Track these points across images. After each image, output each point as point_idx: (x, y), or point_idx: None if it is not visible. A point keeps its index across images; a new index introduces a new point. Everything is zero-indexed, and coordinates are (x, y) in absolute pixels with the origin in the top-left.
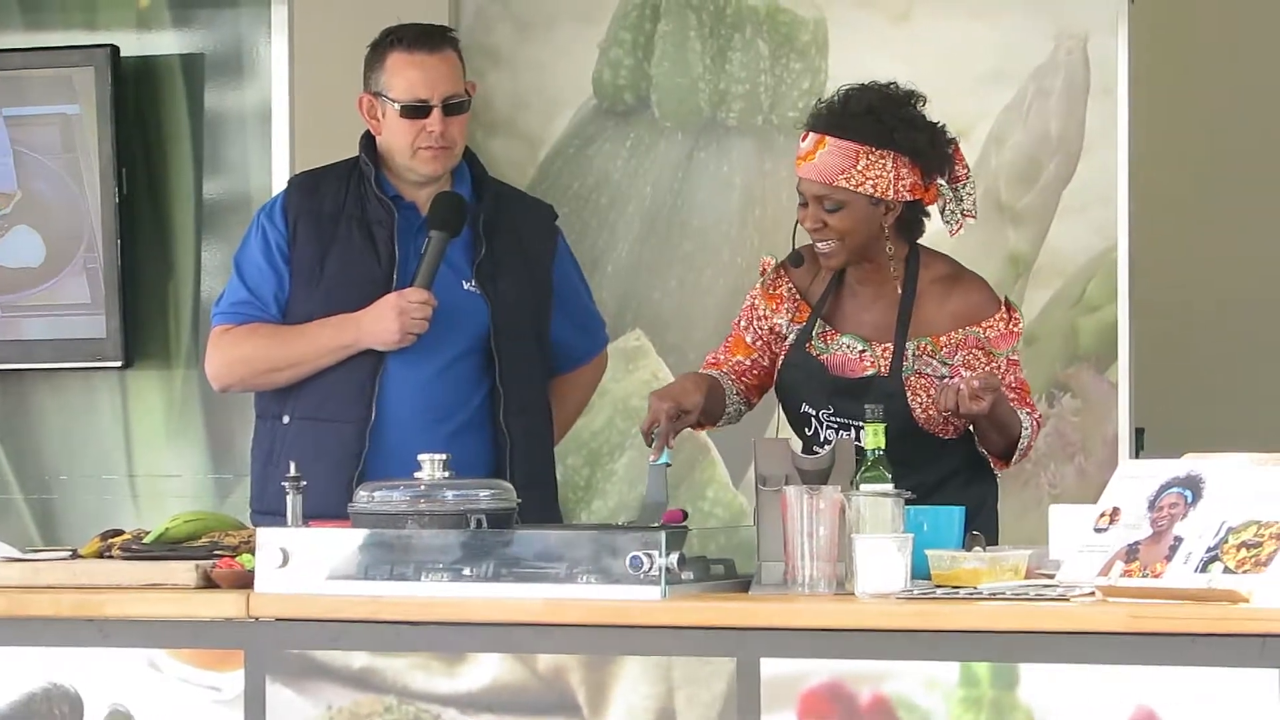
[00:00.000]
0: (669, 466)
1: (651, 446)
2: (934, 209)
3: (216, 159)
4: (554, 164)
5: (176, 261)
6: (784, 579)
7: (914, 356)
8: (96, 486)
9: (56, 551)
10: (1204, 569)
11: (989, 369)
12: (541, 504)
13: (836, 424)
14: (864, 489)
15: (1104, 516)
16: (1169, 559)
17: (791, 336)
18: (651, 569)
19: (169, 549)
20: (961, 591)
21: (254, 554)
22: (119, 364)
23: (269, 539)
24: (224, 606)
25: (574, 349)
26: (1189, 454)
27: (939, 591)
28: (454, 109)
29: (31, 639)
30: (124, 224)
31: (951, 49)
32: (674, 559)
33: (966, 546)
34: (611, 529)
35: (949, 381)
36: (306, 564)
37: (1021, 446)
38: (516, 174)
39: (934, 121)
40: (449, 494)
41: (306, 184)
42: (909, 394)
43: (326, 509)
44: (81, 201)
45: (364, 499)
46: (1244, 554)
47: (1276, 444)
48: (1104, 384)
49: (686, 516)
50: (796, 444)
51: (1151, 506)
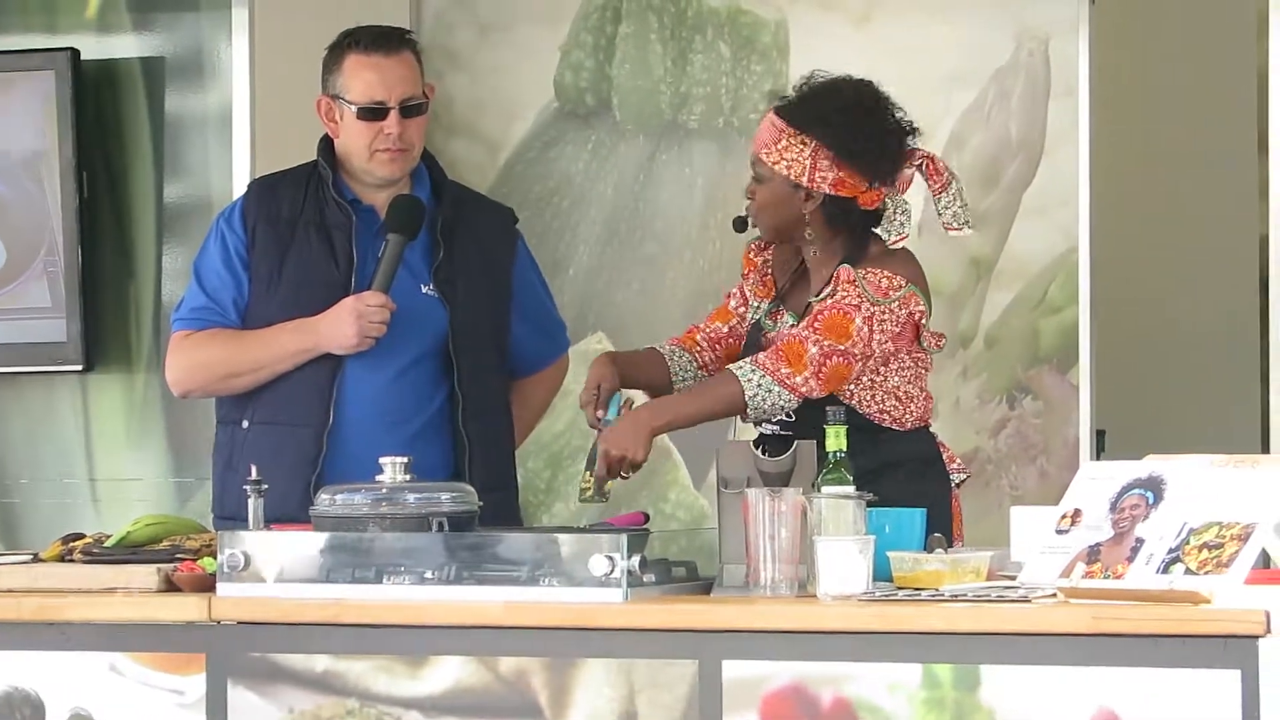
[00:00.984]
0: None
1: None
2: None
3: (177, 162)
4: (515, 167)
5: (137, 265)
6: (746, 581)
7: None
8: (57, 490)
9: (17, 555)
10: (1166, 570)
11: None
12: (502, 507)
13: None
14: (825, 491)
15: (1065, 518)
16: (1131, 560)
17: (750, 316)
18: (613, 572)
19: (130, 553)
20: (923, 593)
21: (215, 557)
22: (80, 368)
23: (230, 542)
24: (186, 610)
25: (535, 352)
26: (1150, 455)
27: (901, 593)
28: (411, 111)
29: None
30: (85, 228)
31: (912, 50)
32: (636, 562)
33: (928, 548)
34: (573, 532)
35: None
36: (268, 567)
37: (752, 397)
38: (477, 177)
39: (891, 129)
40: (411, 497)
41: (265, 189)
42: None
43: (285, 513)
44: (42, 205)
45: (326, 502)
46: (1205, 555)
47: (1237, 445)
48: (1065, 385)
49: (648, 519)
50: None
51: (1113, 508)
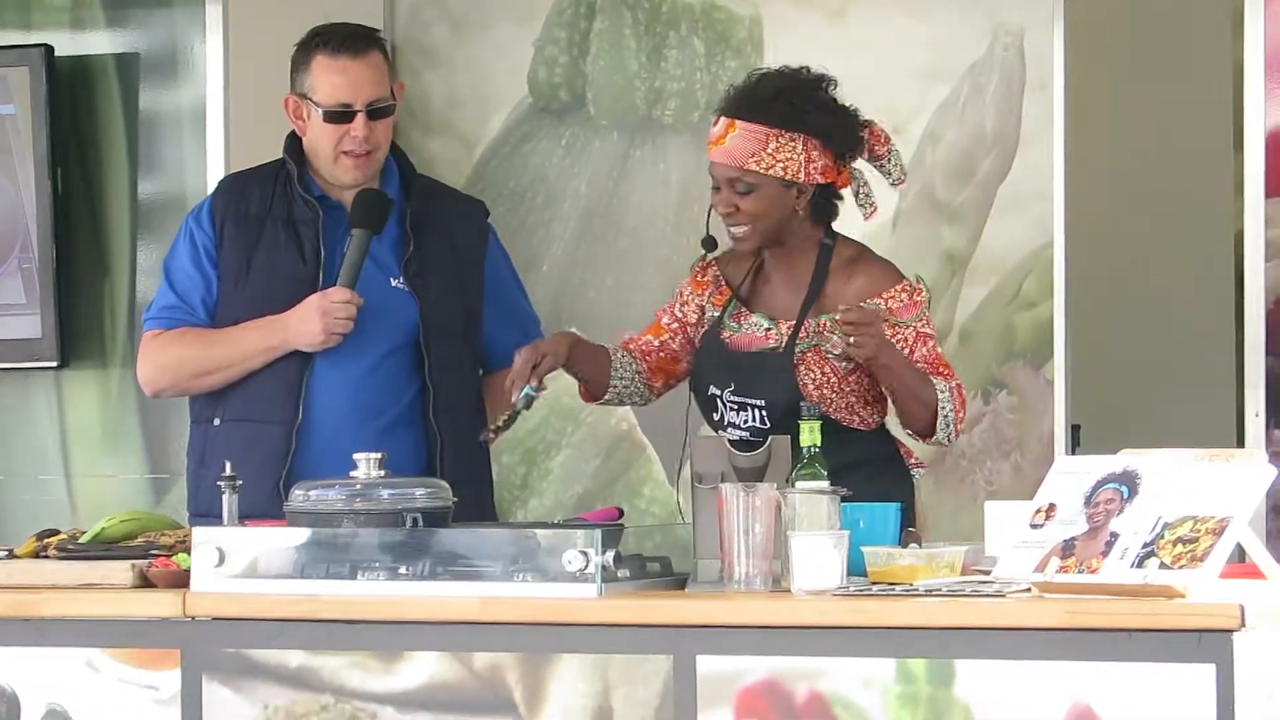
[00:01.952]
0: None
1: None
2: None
3: (152, 159)
4: (490, 163)
5: (112, 261)
6: (720, 576)
7: (813, 333)
8: (32, 486)
9: None
10: (1140, 564)
11: (896, 340)
12: (475, 502)
13: (736, 404)
14: (800, 486)
15: (1040, 513)
16: (1105, 555)
17: (708, 322)
18: (588, 567)
19: (105, 549)
20: (897, 588)
21: (190, 553)
22: (55, 364)
23: (205, 538)
24: (160, 606)
25: (508, 346)
26: (1125, 450)
27: (875, 588)
28: (378, 113)
29: None
30: (59, 224)
31: (887, 46)
32: (610, 557)
33: (903, 544)
34: (548, 527)
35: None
36: (243, 563)
37: (946, 414)
38: (452, 173)
39: (845, 105)
40: (384, 492)
41: (233, 186)
42: (802, 369)
43: (257, 509)
44: (17, 201)
45: (300, 498)
46: (1180, 549)
47: (1212, 440)
48: (1040, 380)
49: (622, 514)
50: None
51: (1088, 502)
